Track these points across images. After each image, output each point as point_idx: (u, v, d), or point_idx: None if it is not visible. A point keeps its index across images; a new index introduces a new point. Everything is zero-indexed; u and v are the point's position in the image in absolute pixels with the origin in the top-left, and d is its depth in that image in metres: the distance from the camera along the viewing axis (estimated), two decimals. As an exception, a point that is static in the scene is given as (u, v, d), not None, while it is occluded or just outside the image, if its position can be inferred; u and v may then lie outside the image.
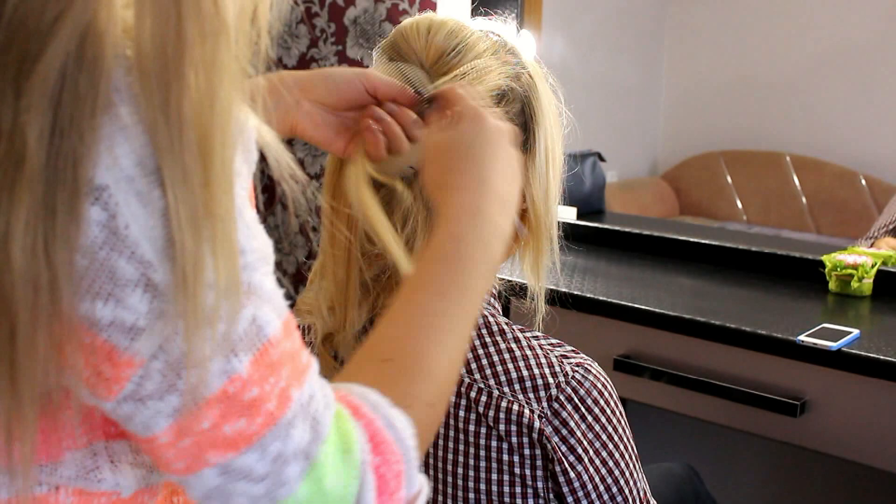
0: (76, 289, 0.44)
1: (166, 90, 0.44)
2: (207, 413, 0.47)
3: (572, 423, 0.82)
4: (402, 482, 0.54)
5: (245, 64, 0.48)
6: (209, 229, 0.45)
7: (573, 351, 0.87)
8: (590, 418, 0.83)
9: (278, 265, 2.66)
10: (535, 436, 0.82)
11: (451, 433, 0.84)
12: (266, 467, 0.49)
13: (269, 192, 2.64)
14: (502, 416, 0.82)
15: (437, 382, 0.59)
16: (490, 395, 0.83)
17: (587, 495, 0.83)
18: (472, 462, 0.84)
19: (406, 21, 0.87)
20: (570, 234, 1.13)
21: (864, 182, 3.37)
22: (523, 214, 0.89)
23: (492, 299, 0.90)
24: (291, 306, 0.58)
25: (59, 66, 0.42)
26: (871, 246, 1.90)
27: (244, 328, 0.47)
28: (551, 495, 0.84)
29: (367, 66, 0.87)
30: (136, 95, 0.44)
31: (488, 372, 0.84)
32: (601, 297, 1.58)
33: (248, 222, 0.48)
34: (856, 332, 1.37)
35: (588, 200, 2.27)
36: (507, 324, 0.87)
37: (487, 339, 0.85)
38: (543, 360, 0.84)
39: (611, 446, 0.84)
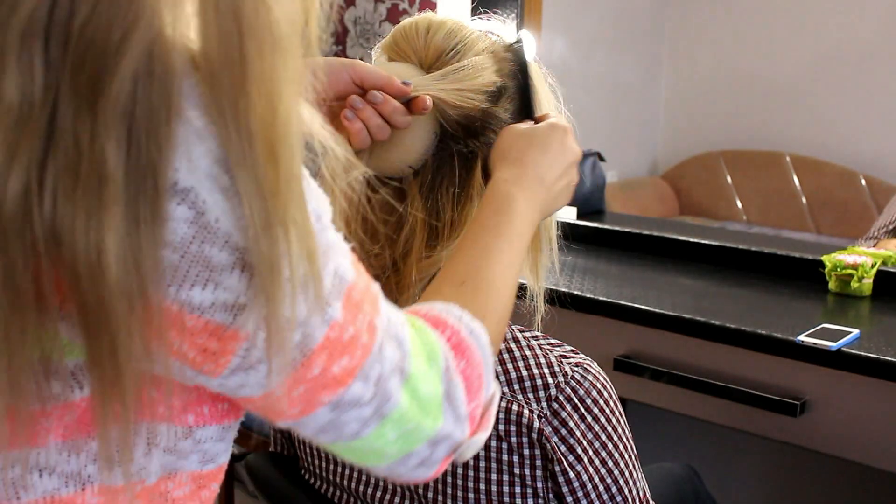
0: (166, 282, 0.47)
1: (234, 106, 0.47)
2: (316, 360, 0.52)
3: (571, 423, 0.82)
4: (483, 384, 0.62)
5: (301, 74, 0.51)
6: (286, 213, 0.49)
7: (572, 351, 0.87)
8: (589, 418, 0.83)
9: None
10: (534, 436, 0.82)
11: (451, 433, 0.84)
12: (371, 390, 0.55)
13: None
14: (502, 415, 0.82)
15: (502, 300, 0.69)
16: (489, 395, 0.83)
17: (587, 495, 0.83)
18: (471, 462, 0.84)
19: (405, 21, 0.87)
20: (570, 234, 1.13)
21: (864, 182, 3.37)
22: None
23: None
24: None
25: (130, 83, 0.45)
26: (874, 246, 1.90)
27: (330, 282, 0.53)
28: (551, 495, 0.84)
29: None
30: (207, 104, 0.47)
31: (488, 372, 0.84)
32: (601, 297, 1.58)
33: (311, 187, 0.53)
34: (856, 332, 1.37)
35: (588, 200, 2.27)
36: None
37: (487, 339, 0.85)
38: (543, 361, 0.84)
39: (610, 446, 0.84)
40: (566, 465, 0.82)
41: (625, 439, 0.86)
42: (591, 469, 0.83)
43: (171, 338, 0.49)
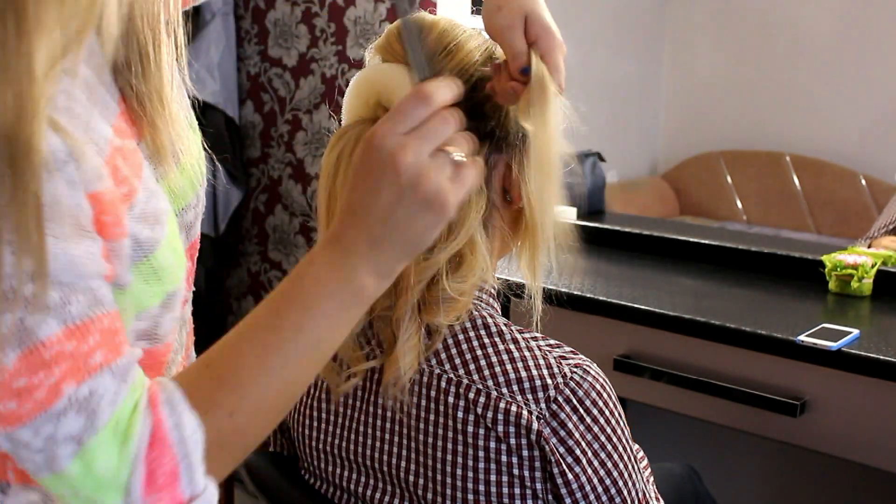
0: None
1: None
2: None
3: (570, 425, 0.82)
4: (177, 481, 0.60)
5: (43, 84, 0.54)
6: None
7: (572, 352, 0.87)
8: (588, 419, 0.83)
9: (278, 265, 2.66)
10: (533, 437, 0.82)
11: (450, 434, 0.84)
12: (40, 444, 0.57)
13: (269, 192, 2.64)
14: (501, 417, 0.82)
15: (245, 396, 0.63)
16: (489, 396, 0.83)
17: (585, 496, 0.83)
18: (470, 463, 0.84)
19: (398, 21, 0.87)
20: (570, 235, 1.12)
21: (864, 182, 3.37)
22: (519, 213, 0.89)
23: (490, 299, 0.90)
24: None
25: None
26: (870, 246, 1.90)
27: (7, 329, 0.55)
28: (550, 496, 0.84)
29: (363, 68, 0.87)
30: None
31: (487, 373, 0.84)
32: (601, 297, 1.58)
33: (30, 241, 0.55)
34: (856, 332, 1.37)
35: (588, 200, 2.27)
36: (505, 324, 0.87)
37: (486, 340, 0.85)
38: (542, 362, 0.84)
39: (609, 447, 0.84)
40: (565, 467, 0.82)
41: (624, 440, 0.86)
42: (590, 470, 0.83)
43: None
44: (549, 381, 0.83)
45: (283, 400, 0.65)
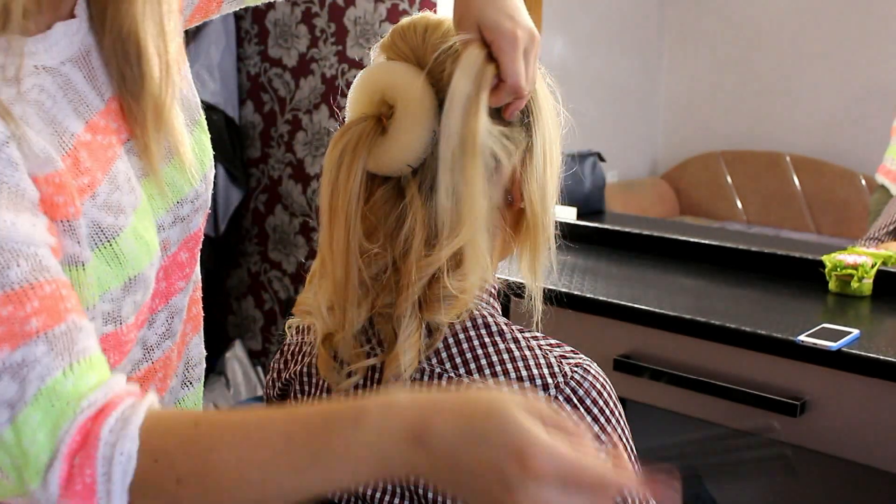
0: None
1: None
2: None
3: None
4: (94, 497, 0.58)
5: None
6: None
7: (572, 351, 0.87)
8: (588, 418, 0.83)
9: (278, 265, 2.66)
10: (534, 436, 0.82)
11: (451, 433, 0.84)
12: None
13: (269, 192, 2.64)
14: (501, 416, 0.82)
15: (205, 470, 0.58)
16: (489, 395, 0.83)
17: (586, 495, 0.83)
18: (471, 462, 0.84)
19: (403, 21, 0.87)
20: (570, 234, 1.13)
21: (864, 182, 3.37)
22: (521, 213, 0.89)
23: (491, 299, 0.90)
24: (290, 306, 0.58)
25: None
26: (878, 247, 1.90)
27: None
28: (550, 495, 0.84)
29: (367, 66, 0.87)
30: None
31: (487, 372, 0.83)
32: (601, 297, 1.58)
33: None
34: (856, 332, 1.37)
35: (588, 200, 2.27)
36: (506, 324, 0.87)
37: (486, 340, 0.85)
38: (542, 361, 0.84)
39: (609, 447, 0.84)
40: (566, 465, 0.82)
41: (624, 440, 0.86)
42: (590, 469, 0.83)
43: None
44: (549, 380, 0.83)
45: (250, 493, 0.59)
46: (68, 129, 0.70)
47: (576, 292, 1.61)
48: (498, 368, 0.83)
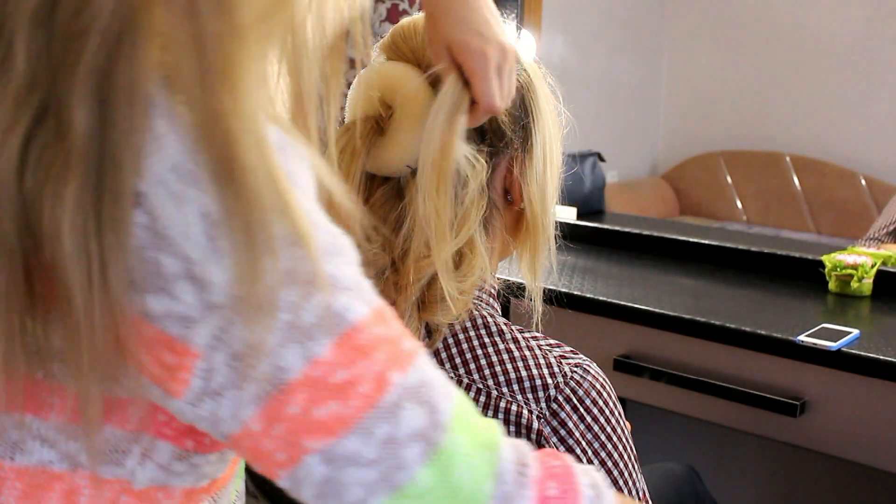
0: (128, 282, 0.45)
1: (203, 111, 0.44)
2: (294, 397, 0.47)
3: (570, 424, 0.82)
4: None
5: (269, 78, 0.49)
6: (249, 229, 0.45)
7: (572, 351, 0.87)
8: (588, 418, 0.83)
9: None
10: (533, 436, 0.82)
11: (450, 433, 0.84)
12: (374, 451, 0.47)
13: (268, 193, 2.64)
14: (501, 416, 0.82)
15: None
16: (489, 395, 0.83)
17: (586, 496, 0.83)
18: (470, 462, 0.84)
19: (404, 21, 0.87)
20: (570, 234, 1.13)
21: (863, 182, 3.37)
22: (520, 214, 0.89)
23: (490, 299, 0.90)
24: None
25: (102, 60, 0.43)
26: (879, 248, 1.90)
27: (316, 315, 0.47)
28: (550, 496, 0.84)
29: (366, 66, 0.87)
30: (172, 111, 0.45)
31: (487, 372, 0.84)
32: (601, 297, 1.58)
33: (310, 218, 0.48)
34: (856, 332, 1.37)
35: (588, 200, 2.27)
36: (505, 324, 0.87)
37: (486, 340, 0.85)
38: (542, 361, 0.84)
39: (609, 447, 0.84)
40: (565, 466, 0.82)
41: (624, 440, 0.86)
42: (590, 469, 0.83)
43: (132, 346, 0.46)
44: (549, 380, 0.83)
45: None
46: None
47: (576, 292, 1.61)
48: (497, 368, 0.84)
